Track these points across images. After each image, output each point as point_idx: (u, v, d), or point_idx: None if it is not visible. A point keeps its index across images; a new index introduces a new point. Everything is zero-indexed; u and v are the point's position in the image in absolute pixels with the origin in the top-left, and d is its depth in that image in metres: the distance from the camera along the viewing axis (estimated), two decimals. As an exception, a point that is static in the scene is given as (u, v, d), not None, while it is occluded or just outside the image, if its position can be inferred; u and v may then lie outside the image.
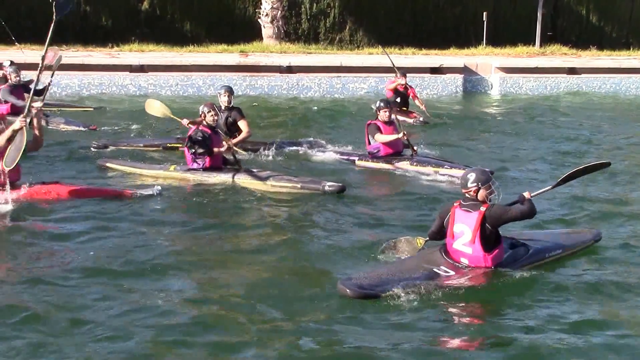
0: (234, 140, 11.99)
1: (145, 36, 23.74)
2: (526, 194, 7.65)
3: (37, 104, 9.65)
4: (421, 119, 16.22)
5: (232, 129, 12.55)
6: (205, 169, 11.17)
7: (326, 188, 10.57)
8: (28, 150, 9.50)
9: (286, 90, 20.40)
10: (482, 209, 7.32)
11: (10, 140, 9.38)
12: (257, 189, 10.83)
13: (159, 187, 10.36)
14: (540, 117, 18.17)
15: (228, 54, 21.86)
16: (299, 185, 10.77)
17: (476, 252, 7.32)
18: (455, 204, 7.52)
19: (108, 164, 11.77)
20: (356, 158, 12.56)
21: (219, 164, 11.30)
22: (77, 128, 14.91)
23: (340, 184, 10.70)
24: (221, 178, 11.12)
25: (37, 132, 9.57)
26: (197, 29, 25.69)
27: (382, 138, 12.20)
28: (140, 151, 13.12)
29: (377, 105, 12.50)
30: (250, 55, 21.55)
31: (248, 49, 22.68)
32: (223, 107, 12.63)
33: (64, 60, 18.76)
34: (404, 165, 12.08)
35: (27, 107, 9.66)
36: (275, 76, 20.49)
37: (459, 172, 11.15)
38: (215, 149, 11.11)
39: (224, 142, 11.23)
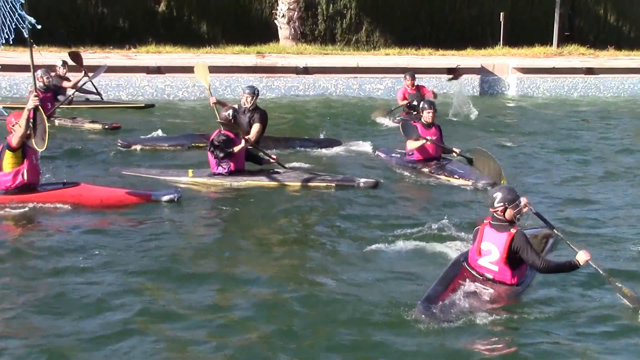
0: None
1: (162, 38, 23.79)
2: (583, 258, 7.10)
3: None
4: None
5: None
6: (230, 173, 11.16)
7: (361, 184, 10.97)
8: None
9: (303, 91, 20.40)
10: (512, 231, 7.18)
11: (31, 122, 9.50)
12: (288, 190, 10.95)
13: (180, 191, 10.39)
14: (558, 118, 18.11)
15: (245, 55, 21.87)
16: (333, 184, 11.02)
17: (503, 272, 7.23)
18: (485, 221, 7.40)
19: (124, 172, 11.55)
20: (394, 161, 12.67)
21: (242, 167, 11.30)
22: (100, 126, 15.02)
23: (373, 180, 11.12)
24: (249, 181, 11.14)
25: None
26: (213, 31, 25.72)
27: (410, 145, 12.23)
28: (162, 151, 13.09)
29: (422, 106, 12.56)
30: (267, 57, 21.56)
31: (265, 50, 22.68)
32: (247, 107, 12.67)
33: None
34: (424, 170, 12.02)
35: (34, 83, 9.96)
36: (292, 77, 20.50)
37: (466, 182, 11.23)
38: (236, 148, 11.08)
39: (241, 141, 11.15)
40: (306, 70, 20.75)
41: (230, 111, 11.32)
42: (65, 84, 16.09)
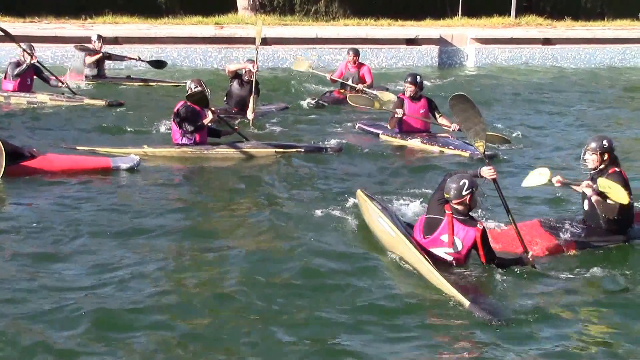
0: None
1: (119, 8, 23.48)
2: (528, 261, 7.04)
3: None
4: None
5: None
6: (195, 144, 11.07)
7: (328, 150, 11.31)
8: None
9: (261, 62, 20.19)
10: (480, 227, 6.89)
11: None
12: (255, 158, 11.04)
13: (139, 159, 10.31)
14: (516, 88, 18.28)
15: (203, 25, 21.68)
16: (301, 151, 11.18)
17: (455, 260, 7.05)
18: (447, 211, 6.94)
19: (78, 147, 11.03)
20: (381, 132, 12.55)
21: (205, 140, 11.19)
22: (104, 103, 14.54)
23: (339, 146, 11.47)
24: (215, 150, 11.07)
25: None
26: (171, 1, 25.48)
27: (389, 124, 12.27)
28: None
29: (406, 79, 12.40)
30: (225, 27, 21.39)
31: (223, 20, 22.49)
32: (250, 79, 13.03)
33: (37, 33, 18.68)
34: (414, 142, 12.00)
35: None
36: (251, 48, 20.27)
37: (463, 153, 11.25)
38: (205, 120, 10.97)
39: (208, 113, 11.00)
40: (265, 41, 20.59)
41: (192, 84, 11.13)
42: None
